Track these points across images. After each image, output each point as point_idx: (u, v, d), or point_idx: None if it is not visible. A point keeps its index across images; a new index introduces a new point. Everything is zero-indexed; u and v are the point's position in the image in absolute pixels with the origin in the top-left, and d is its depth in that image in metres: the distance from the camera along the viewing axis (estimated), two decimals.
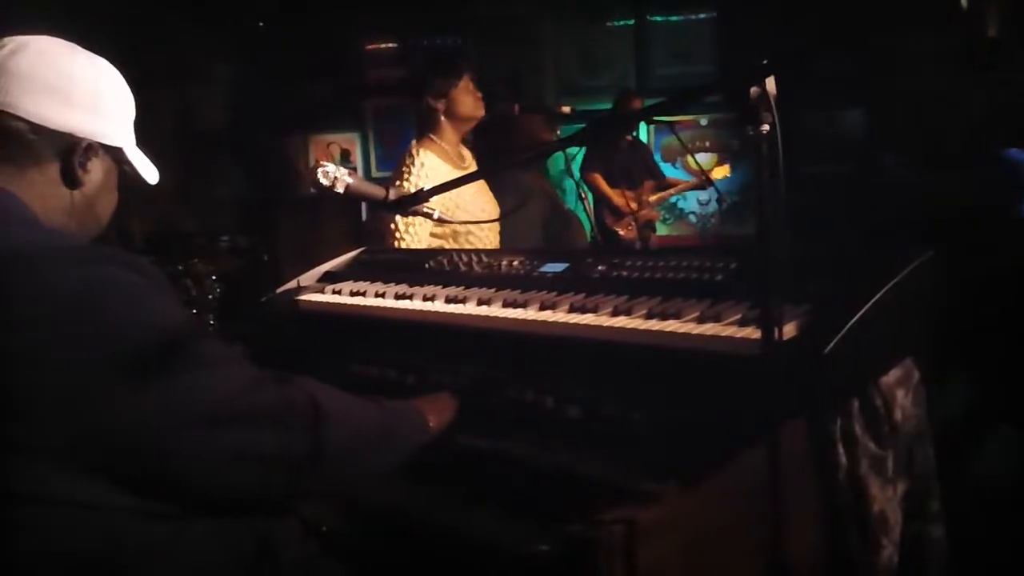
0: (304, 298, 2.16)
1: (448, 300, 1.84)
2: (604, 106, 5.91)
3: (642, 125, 6.37)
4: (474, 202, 2.88)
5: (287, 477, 1.21)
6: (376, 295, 2.03)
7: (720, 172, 5.49)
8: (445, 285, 1.99)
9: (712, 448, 1.29)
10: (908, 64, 5.03)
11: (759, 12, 5.99)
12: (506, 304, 1.75)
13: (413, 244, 2.77)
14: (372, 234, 3.02)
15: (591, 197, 5.10)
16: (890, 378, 1.51)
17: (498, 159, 3.37)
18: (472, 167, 3.01)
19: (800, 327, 1.34)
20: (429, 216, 1.97)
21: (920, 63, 4.94)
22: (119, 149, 1.36)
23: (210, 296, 5.22)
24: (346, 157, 7.65)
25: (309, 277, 2.32)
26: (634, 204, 5.46)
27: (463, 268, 2.06)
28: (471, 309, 1.78)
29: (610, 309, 1.59)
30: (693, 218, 7.13)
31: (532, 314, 1.66)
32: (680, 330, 1.43)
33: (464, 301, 1.82)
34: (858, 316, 1.31)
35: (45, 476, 1.04)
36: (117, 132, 1.35)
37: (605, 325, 1.52)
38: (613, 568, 1.15)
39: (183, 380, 1.10)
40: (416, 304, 1.89)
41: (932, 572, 1.60)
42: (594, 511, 1.20)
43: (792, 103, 1.15)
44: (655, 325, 1.48)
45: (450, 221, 2.18)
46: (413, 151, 2.88)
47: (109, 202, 1.38)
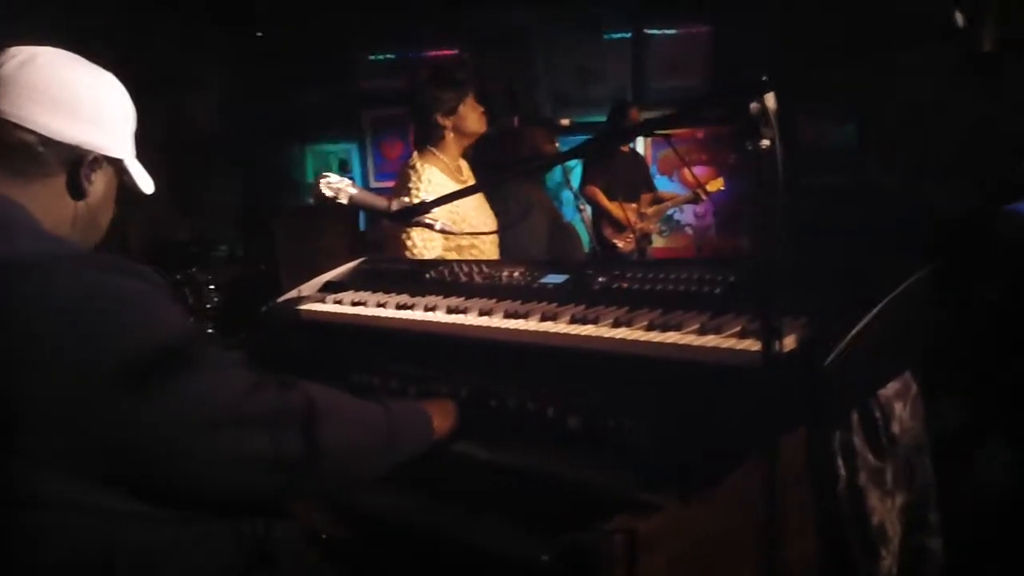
0: (305, 307, 2.16)
1: (449, 310, 1.84)
2: (600, 119, 5.93)
3: (639, 138, 6.40)
4: (476, 215, 2.89)
5: (288, 479, 1.22)
6: (377, 305, 2.03)
7: (714, 185, 5.50)
8: (446, 295, 1.99)
9: (712, 459, 1.29)
10: (902, 75, 5.06)
11: (755, 26, 6.03)
12: (507, 315, 1.75)
13: (427, 255, 2.77)
14: (372, 244, 3.02)
15: (590, 209, 5.12)
16: (889, 391, 1.52)
17: (498, 172, 3.38)
18: (470, 180, 3.01)
19: (800, 339, 1.34)
20: (431, 227, 1.99)
21: (914, 74, 4.96)
22: (120, 160, 1.38)
23: (208, 305, 5.24)
24: (344, 168, 7.66)
25: (310, 286, 2.32)
26: (633, 217, 5.47)
27: (464, 279, 2.06)
28: (472, 319, 1.78)
29: (611, 320, 1.59)
30: (689, 230, 7.14)
31: (533, 325, 1.66)
32: (681, 342, 1.43)
33: (465, 311, 1.82)
34: (858, 329, 1.32)
35: (46, 481, 1.04)
36: (120, 144, 1.37)
37: (606, 336, 1.52)
38: None
39: (185, 385, 1.11)
40: (417, 314, 1.89)
41: None
42: (594, 521, 1.21)
43: (788, 115, 1.16)
44: (656, 336, 1.48)
45: (453, 232, 2.19)
46: (417, 165, 2.87)
47: (109, 212, 1.41)
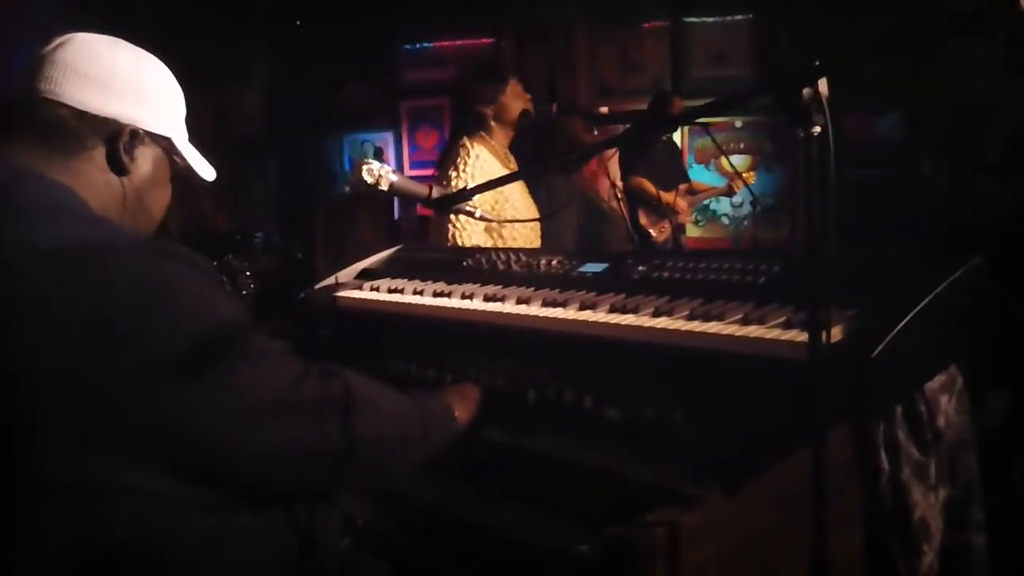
0: (342, 295, 2.17)
1: (487, 299, 1.84)
2: (640, 108, 5.89)
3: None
4: (521, 200, 2.90)
5: (331, 468, 1.22)
6: (414, 292, 2.03)
7: (747, 178, 5.47)
8: (483, 284, 1.99)
9: (755, 452, 1.28)
10: (951, 68, 4.97)
11: (796, 14, 5.94)
12: (545, 303, 1.74)
13: (469, 242, 2.79)
14: (406, 233, 3.04)
15: (627, 198, 5.10)
16: (934, 384, 1.49)
17: (538, 161, 3.38)
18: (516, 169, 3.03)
19: (846, 331, 1.32)
20: (471, 215, 1.98)
21: (963, 67, 4.87)
22: (168, 141, 1.38)
23: (244, 292, 5.29)
24: (379, 155, 7.70)
25: (346, 274, 2.33)
26: (674, 206, 5.45)
27: (501, 267, 2.05)
28: (510, 308, 1.77)
29: (651, 310, 1.58)
30: (726, 220, 7.07)
31: (572, 314, 1.65)
32: (723, 332, 1.41)
33: (503, 300, 1.81)
34: (905, 321, 1.29)
35: (113, 467, 1.05)
36: (161, 121, 1.36)
37: (646, 326, 1.51)
38: (654, 571, 1.14)
39: (236, 372, 1.12)
40: (454, 302, 1.88)
41: None
42: (635, 513, 1.19)
43: (835, 107, 1.14)
44: (697, 327, 1.46)
45: (491, 220, 2.19)
46: (467, 144, 2.91)
47: (160, 196, 1.40)
